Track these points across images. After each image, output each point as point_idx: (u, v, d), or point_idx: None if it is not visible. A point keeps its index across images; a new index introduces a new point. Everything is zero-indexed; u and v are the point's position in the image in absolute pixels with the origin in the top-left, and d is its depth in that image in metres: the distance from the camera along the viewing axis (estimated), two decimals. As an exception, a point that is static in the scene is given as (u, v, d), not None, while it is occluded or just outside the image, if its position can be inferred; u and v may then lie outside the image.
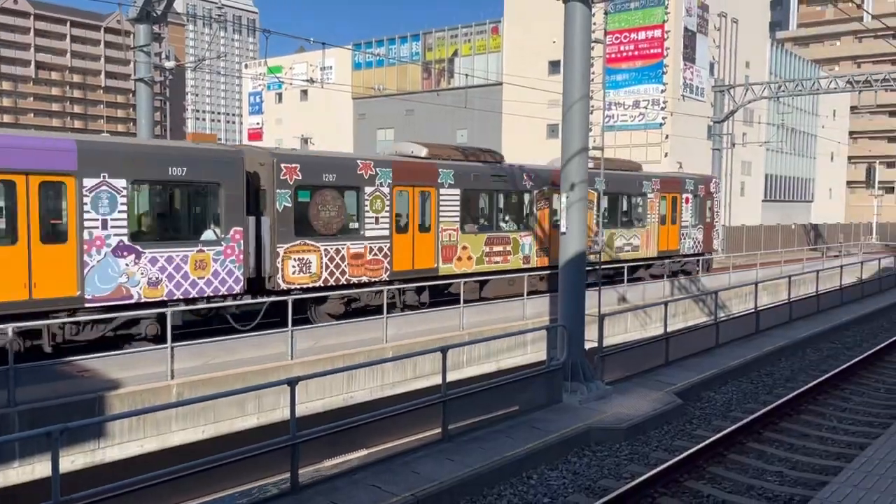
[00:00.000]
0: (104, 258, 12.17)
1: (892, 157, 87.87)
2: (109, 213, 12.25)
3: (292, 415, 7.31)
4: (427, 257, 17.32)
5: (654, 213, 24.44)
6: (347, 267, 15.75)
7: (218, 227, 13.69)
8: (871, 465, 5.92)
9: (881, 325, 19.45)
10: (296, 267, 14.86)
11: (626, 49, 47.37)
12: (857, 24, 72.85)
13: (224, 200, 13.66)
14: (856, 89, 35.33)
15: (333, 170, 15.53)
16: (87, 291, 11.98)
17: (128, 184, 12.46)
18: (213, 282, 13.49)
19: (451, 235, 17.85)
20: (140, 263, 12.57)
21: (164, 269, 12.89)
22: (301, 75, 55.27)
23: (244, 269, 13.98)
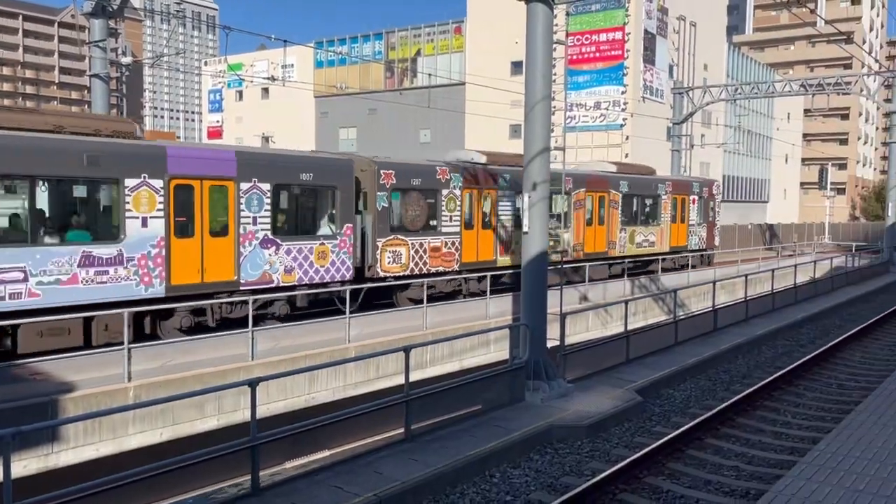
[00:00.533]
0: (254, 249, 14.62)
1: (843, 159, 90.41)
2: (258, 212, 14.66)
3: (252, 416, 7.22)
4: (488, 250, 20.07)
5: (667, 213, 27.27)
6: (428, 259, 18.48)
7: (333, 224, 16.08)
8: (823, 459, 6.07)
9: (833, 322, 19.96)
10: (390, 258, 17.53)
11: (587, 51, 47.90)
12: (810, 29, 74.75)
13: (339, 201, 16.11)
14: (809, 93, 36.24)
15: (419, 175, 18.18)
16: (241, 276, 14.41)
17: (271, 187, 14.81)
18: (331, 270, 16.01)
19: (505, 231, 20.44)
20: (279, 254, 15.03)
21: (296, 259, 15.38)
22: (262, 73, 54.66)
23: (353, 259, 16.44)
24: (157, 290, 13.16)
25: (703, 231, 29.55)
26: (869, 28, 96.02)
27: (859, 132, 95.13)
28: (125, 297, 12.70)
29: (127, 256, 12.79)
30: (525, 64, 11.47)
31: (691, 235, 28.77)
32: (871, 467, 5.90)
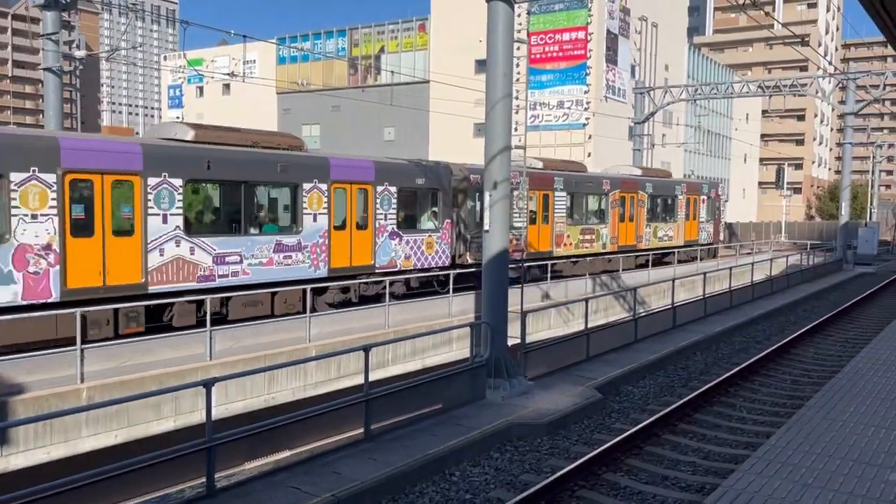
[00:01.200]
0: (385, 240, 18.00)
1: (799, 160, 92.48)
2: (387, 210, 18.03)
3: (208, 417, 7.12)
4: (546, 242, 23.66)
5: (682, 211, 31.15)
6: None
7: (437, 220, 19.49)
8: (774, 454, 6.19)
9: (789, 319, 20.41)
10: (478, 249, 19.71)
11: (550, 50, 48.21)
12: (768, 31, 76.27)
13: (441, 201, 19.55)
14: (766, 94, 36.99)
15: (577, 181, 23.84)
16: (376, 262, 17.87)
17: (397, 190, 18.22)
18: (436, 258, 19.49)
19: (560, 226, 24.06)
20: (401, 244, 18.39)
21: (413, 248, 18.79)
22: (223, 69, 53.90)
23: (451, 249, 19.90)
24: (322, 271, 16.55)
25: (710, 227, 33.82)
26: (824, 31, 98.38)
27: (815, 133, 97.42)
28: (303, 276, 15.88)
29: (303, 244, 16.05)
30: (487, 62, 11.50)
31: (701, 231, 32.99)
32: (819, 461, 6.04)
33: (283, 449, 11.38)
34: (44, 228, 12.02)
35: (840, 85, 35.53)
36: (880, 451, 6.30)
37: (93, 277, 12.52)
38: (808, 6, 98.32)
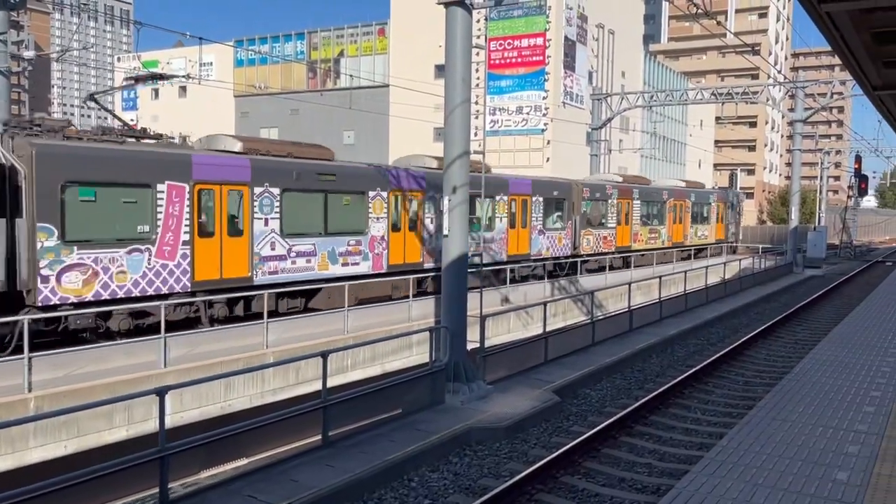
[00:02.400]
0: (536, 237, 24.24)
1: (751, 165, 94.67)
2: (536, 215, 24.23)
3: (161, 426, 6.98)
4: (626, 239, 29.82)
5: (714, 215, 38.11)
6: (600, 244, 28.13)
7: (562, 221, 25.56)
8: (726, 455, 6.32)
9: (741, 321, 20.85)
10: (588, 243, 27.15)
11: (509, 56, 48.56)
12: (720, 40, 77.98)
13: (566, 207, 25.70)
14: (719, 101, 37.82)
15: (599, 190, 27.84)
16: (531, 251, 24.22)
17: (542, 200, 24.48)
18: (562, 248, 25.62)
19: (637, 227, 30.48)
20: (542, 239, 24.54)
21: (551, 242, 25.07)
22: (179, 71, 53.06)
23: (572, 242, 25.97)
24: (502, 257, 22.67)
25: (733, 228, 41.47)
26: (774, 40, 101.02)
27: (766, 139, 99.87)
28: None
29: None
30: (445, 67, 11.53)
31: (727, 231, 40.24)
32: (770, 461, 6.18)
33: (240, 457, 11.21)
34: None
35: (789, 93, 36.49)
36: (828, 450, 6.47)
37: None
38: (759, 16, 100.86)
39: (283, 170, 16.08)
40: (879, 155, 60.32)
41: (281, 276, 15.98)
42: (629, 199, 30.42)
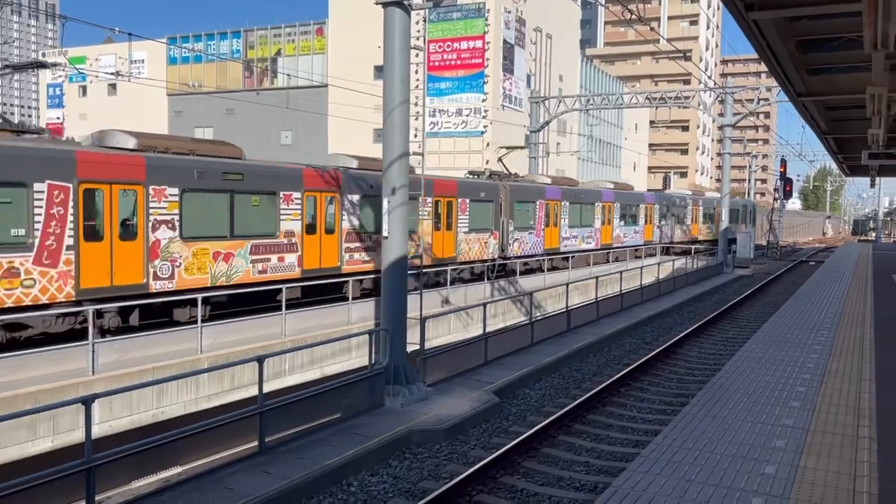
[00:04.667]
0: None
1: (684, 168, 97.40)
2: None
3: (87, 436, 6.71)
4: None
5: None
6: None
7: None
8: (661, 452, 6.45)
9: (675, 320, 21.39)
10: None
11: (448, 58, 48.69)
12: (654, 46, 79.96)
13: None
14: (653, 105, 38.72)
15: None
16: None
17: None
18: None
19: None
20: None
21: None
22: (108, 67, 51.37)
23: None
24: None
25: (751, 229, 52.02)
26: (705, 47, 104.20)
27: (698, 143, 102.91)
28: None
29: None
30: (384, 68, 11.46)
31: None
32: (702, 457, 6.33)
33: (174, 465, 10.90)
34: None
35: (719, 98, 37.67)
36: (756, 444, 6.67)
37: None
38: (690, 23, 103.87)
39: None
40: (803, 159, 62.74)
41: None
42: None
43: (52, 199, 12.63)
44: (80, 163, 13.09)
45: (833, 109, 21.50)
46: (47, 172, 12.61)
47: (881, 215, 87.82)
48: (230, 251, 15.80)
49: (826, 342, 11.65)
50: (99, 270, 13.29)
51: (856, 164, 37.17)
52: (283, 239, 17.04)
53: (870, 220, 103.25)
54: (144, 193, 14.04)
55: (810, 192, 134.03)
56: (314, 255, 17.94)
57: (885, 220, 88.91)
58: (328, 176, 18.33)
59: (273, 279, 16.58)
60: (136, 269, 13.85)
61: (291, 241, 17.23)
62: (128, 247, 13.74)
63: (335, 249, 18.52)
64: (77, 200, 12.93)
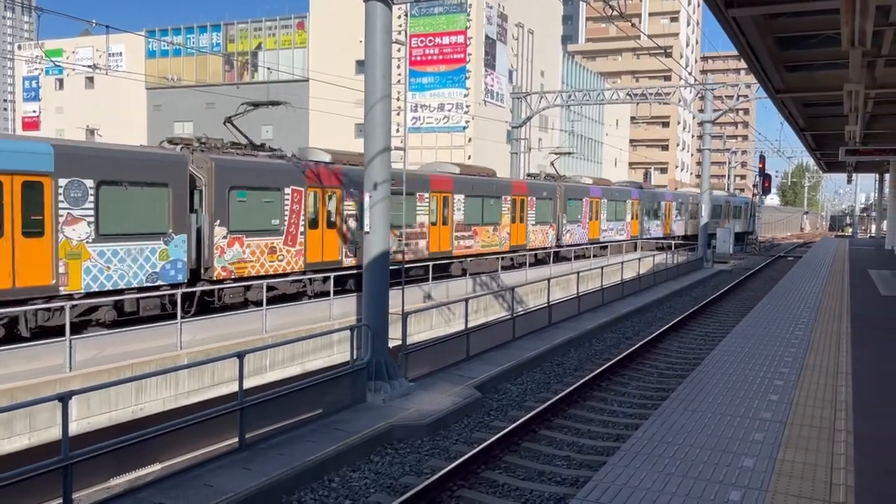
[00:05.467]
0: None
1: (664, 164, 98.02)
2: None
3: (64, 433, 6.63)
4: (668, 228, 41.04)
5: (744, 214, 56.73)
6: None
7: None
8: (641, 446, 6.48)
9: (655, 315, 21.54)
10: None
11: (430, 53, 48.59)
12: (635, 42, 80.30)
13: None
14: (634, 101, 38.88)
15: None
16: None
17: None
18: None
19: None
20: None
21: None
22: (86, 60, 50.71)
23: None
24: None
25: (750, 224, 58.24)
26: (685, 44, 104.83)
27: (678, 139, 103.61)
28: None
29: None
30: (365, 63, 11.41)
31: (749, 224, 57.50)
32: (682, 451, 6.38)
33: (153, 463, 10.81)
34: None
35: (699, 95, 37.93)
36: (735, 438, 6.73)
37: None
38: (671, 20, 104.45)
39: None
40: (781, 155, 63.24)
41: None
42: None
43: (293, 200, 17.48)
44: (308, 174, 17.96)
45: (811, 106, 21.71)
46: (291, 181, 17.46)
47: (857, 211, 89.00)
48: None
49: (804, 336, 11.78)
50: (316, 250, 18.21)
51: (833, 161, 37.62)
52: (418, 229, 22.47)
53: (846, 216, 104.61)
54: (342, 195, 19.06)
55: (788, 188, 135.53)
56: (440, 240, 23.70)
57: (862, 215, 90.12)
58: (445, 179, 24.01)
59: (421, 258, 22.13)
60: (336, 249, 19.00)
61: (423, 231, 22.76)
62: (333, 233, 18.91)
63: (449, 237, 24.22)
64: (304, 201, 17.69)
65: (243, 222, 16.57)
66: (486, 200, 25.84)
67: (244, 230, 16.60)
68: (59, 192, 13.15)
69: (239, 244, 16.53)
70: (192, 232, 15.65)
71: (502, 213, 26.86)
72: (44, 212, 13.13)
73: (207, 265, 15.97)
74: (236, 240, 16.46)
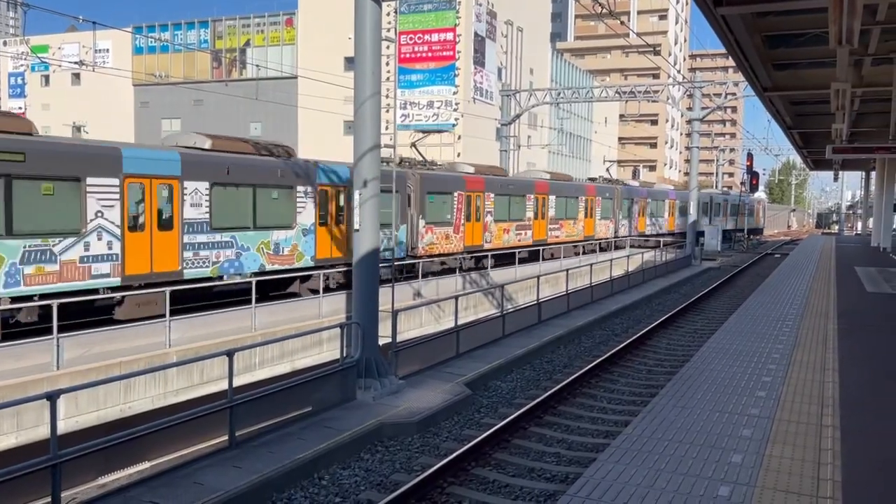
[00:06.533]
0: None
1: (653, 162, 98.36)
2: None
3: (53, 432, 6.59)
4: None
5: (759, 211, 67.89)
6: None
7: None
8: (631, 442, 6.52)
9: (644, 312, 21.63)
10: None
11: (419, 50, 48.53)
12: (624, 40, 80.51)
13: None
14: (622, 98, 38.98)
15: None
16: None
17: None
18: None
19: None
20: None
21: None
22: (72, 57, 50.30)
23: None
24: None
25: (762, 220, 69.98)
26: (674, 42, 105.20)
27: (666, 137, 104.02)
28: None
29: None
30: (355, 60, 11.38)
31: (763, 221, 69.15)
32: (671, 447, 6.41)
33: (142, 461, 10.76)
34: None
35: (688, 92, 38.06)
36: (724, 434, 6.78)
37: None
38: (660, 18, 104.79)
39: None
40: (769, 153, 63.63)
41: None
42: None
43: (458, 201, 24.64)
44: (468, 182, 25.31)
45: (798, 104, 21.83)
46: (458, 187, 24.84)
47: (844, 209, 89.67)
48: (507, 228, 28.05)
49: (791, 333, 11.87)
50: (470, 237, 25.24)
51: (820, 159, 37.85)
52: (526, 222, 29.47)
53: (833, 214, 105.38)
54: (484, 196, 26.11)
55: (775, 185, 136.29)
56: (540, 231, 30.67)
57: (848, 213, 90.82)
58: (543, 183, 31.11)
59: (518, 245, 28.35)
60: (480, 236, 26.04)
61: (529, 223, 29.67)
62: (479, 225, 25.99)
63: (545, 228, 31.11)
64: (463, 201, 24.81)
65: (433, 216, 23.64)
66: (569, 200, 33.04)
67: (434, 222, 23.67)
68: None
69: (431, 232, 23.57)
70: (410, 223, 22.46)
71: (579, 210, 34.02)
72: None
73: (414, 246, 22.78)
74: (429, 229, 23.48)
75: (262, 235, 17.26)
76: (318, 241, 18.98)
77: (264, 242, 17.34)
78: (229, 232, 16.49)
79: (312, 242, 18.77)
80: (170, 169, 15.29)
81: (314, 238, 18.87)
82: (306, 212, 18.50)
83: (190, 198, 15.57)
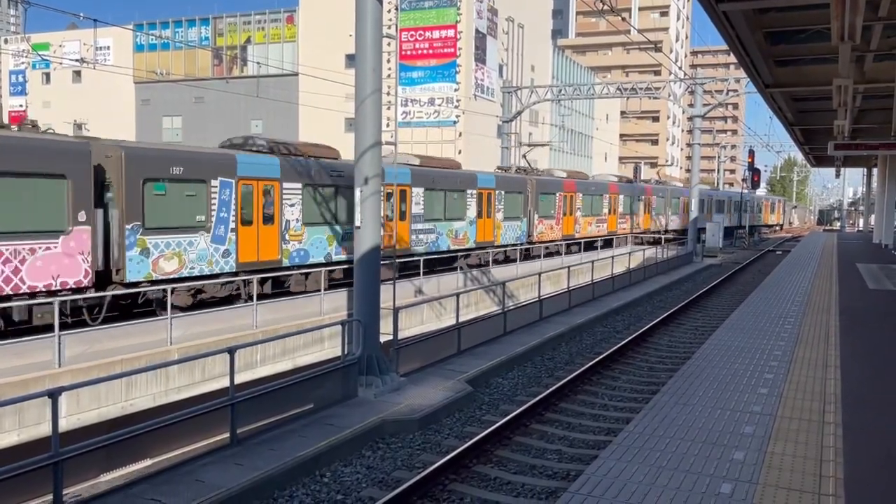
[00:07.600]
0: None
1: (654, 158, 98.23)
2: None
3: (54, 429, 6.59)
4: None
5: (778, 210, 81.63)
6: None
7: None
8: (633, 439, 6.51)
9: (645, 309, 21.62)
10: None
11: (420, 47, 48.47)
12: (625, 36, 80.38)
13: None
14: (624, 95, 38.94)
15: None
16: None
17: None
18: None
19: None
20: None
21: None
22: (73, 54, 50.30)
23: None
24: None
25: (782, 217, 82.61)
26: (675, 38, 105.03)
27: (668, 134, 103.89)
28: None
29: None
30: (355, 57, 11.36)
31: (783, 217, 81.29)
32: (673, 444, 6.41)
33: (144, 458, 10.77)
34: None
35: (689, 89, 38.00)
36: (725, 431, 6.78)
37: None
38: (661, 14, 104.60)
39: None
40: (770, 149, 63.54)
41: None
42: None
43: (558, 199, 31.32)
44: (565, 184, 31.94)
45: (800, 101, 21.79)
46: (559, 188, 31.62)
47: (845, 205, 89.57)
48: (591, 221, 35.05)
49: (793, 330, 11.86)
50: (566, 228, 31.33)
51: (821, 155, 37.79)
52: (603, 216, 36.73)
53: (834, 210, 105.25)
54: (574, 196, 32.73)
55: (777, 182, 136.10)
56: (612, 224, 38.18)
57: (850, 210, 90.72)
58: (614, 185, 38.43)
59: (598, 234, 35.21)
60: (572, 227, 32.53)
61: (604, 218, 37.04)
62: (571, 218, 32.52)
63: (615, 222, 38.30)
64: (562, 199, 31.71)
65: (543, 212, 30.37)
66: (632, 199, 40.84)
67: (544, 216, 30.44)
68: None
69: (542, 223, 30.36)
70: (528, 217, 29.21)
71: (640, 207, 42.04)
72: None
73: (531, 234, 29.47)
74: (540, 221, 30.18)
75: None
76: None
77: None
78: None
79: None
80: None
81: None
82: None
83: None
